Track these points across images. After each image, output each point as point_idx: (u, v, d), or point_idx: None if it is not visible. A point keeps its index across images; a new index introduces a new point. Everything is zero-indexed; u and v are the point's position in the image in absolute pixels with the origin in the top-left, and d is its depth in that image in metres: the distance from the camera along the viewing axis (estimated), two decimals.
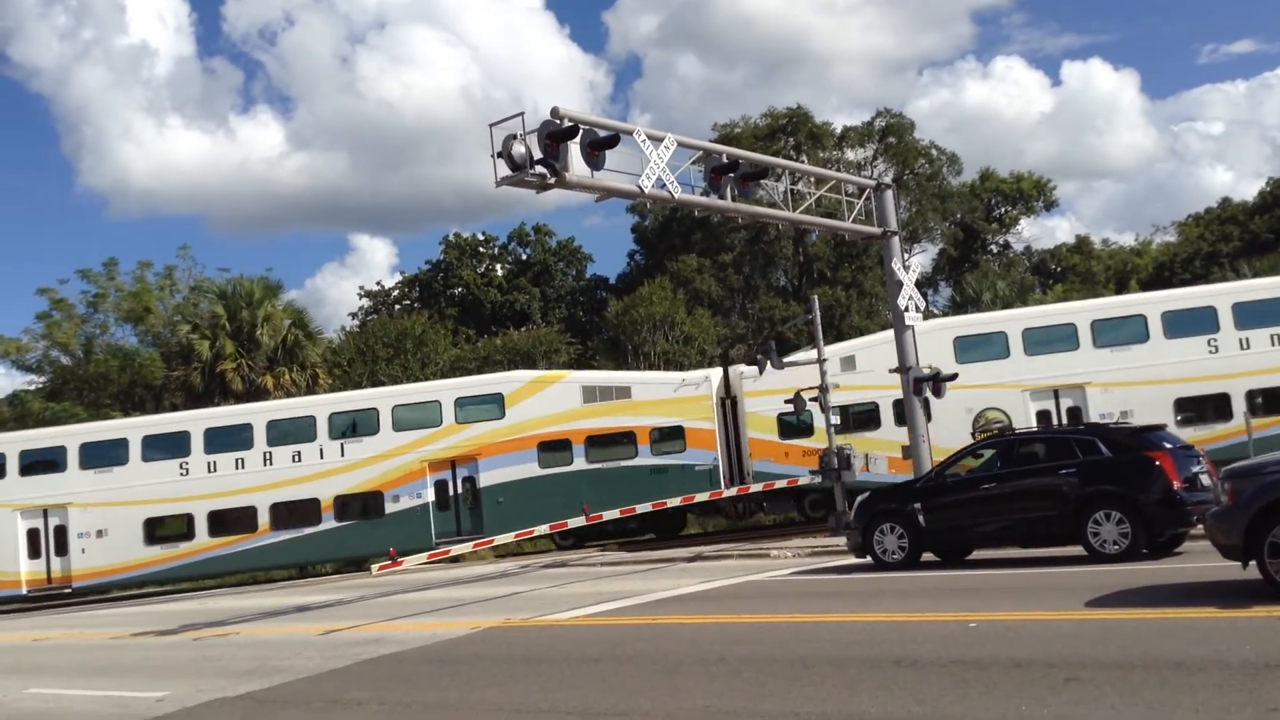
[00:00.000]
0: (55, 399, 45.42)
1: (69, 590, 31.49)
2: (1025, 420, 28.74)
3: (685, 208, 21.67)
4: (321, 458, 31.48)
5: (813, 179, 24.20)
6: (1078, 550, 15.65)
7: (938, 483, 17.40)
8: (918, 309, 23.79)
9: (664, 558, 24.51)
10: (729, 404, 31.64)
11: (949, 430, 28.10)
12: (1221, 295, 29.36)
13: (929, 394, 23.61)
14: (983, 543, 17.26)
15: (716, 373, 32.68)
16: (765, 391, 30.17)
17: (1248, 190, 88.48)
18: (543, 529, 25.44)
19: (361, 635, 15.25)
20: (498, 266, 65.13)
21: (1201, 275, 52.57)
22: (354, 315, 65.77)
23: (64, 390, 46.83)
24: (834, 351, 30.32)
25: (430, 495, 31.27)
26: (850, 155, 57.49)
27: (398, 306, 63.94)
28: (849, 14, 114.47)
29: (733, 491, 30.05)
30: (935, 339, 29.55)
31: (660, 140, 19.03)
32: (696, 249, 56.04)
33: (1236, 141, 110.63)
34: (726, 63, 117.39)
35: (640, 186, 18.71)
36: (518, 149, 16.74)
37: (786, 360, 29.00)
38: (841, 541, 20.41)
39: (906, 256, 26.00)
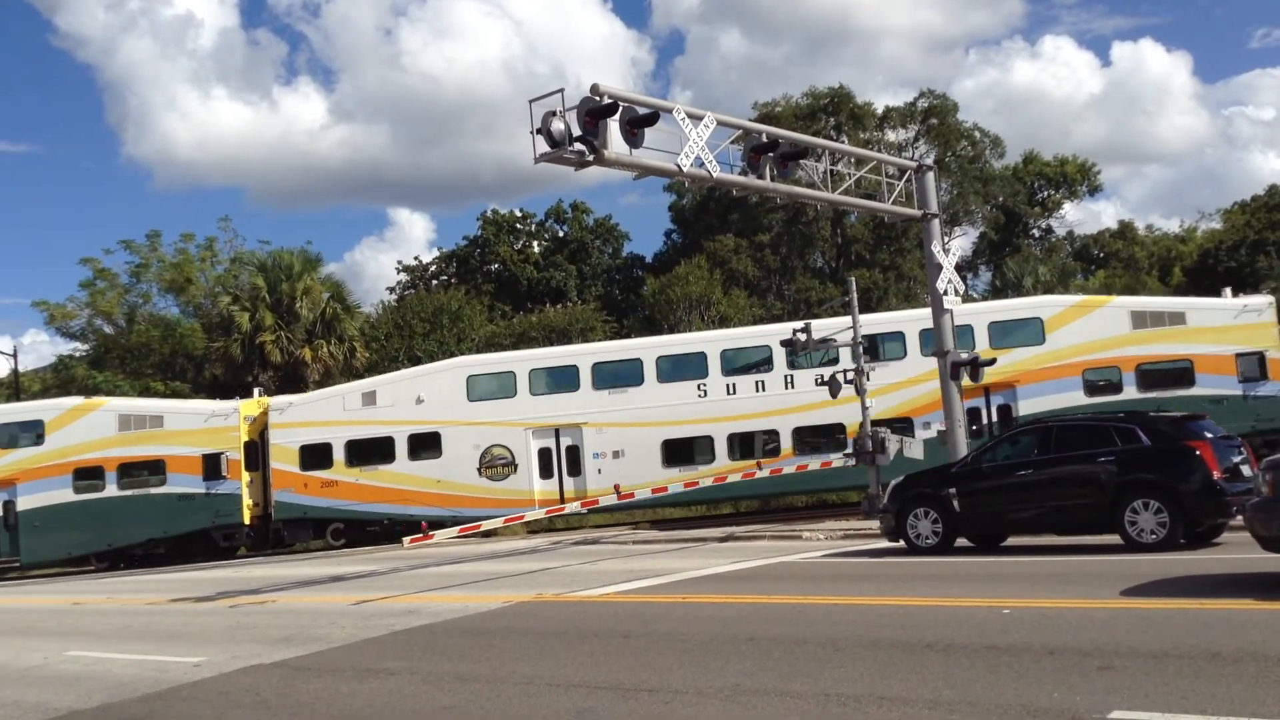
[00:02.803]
0: (98, 367, 46.04)
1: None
2: (527, 458, 30.80)
3: (723, 187, 21.56)
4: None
5: (853, 160, 24.01)
6: (1114, 539, 15.52)
7: (973, 468, 17.30)
8: (957, 292, 23.59)
9: (696, 537, 24.55)
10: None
11: (458, 465, 30.65)
12: (711, 342, 31.59)
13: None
14: (1018, 529, 17.15)
15: (245, 402, 33.83)
16: (289, 424, 31.74)
17: None
18: None
19: (395, 606, 15.39)
20: (535, 243, 65.20)
21: (1247, 263, 51.83)
22: (391, 290, 66.19)
23: (106, 359, 47.45)
24: (356, 387, 33.02)
25: None
26: (891, 136, 57.01)
27: (435, 282, 64.22)
28: None
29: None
30: (448, 377, 31.73)
31: (700, 119, 18.94)
32: (734, 229, 55.82)
33: None
34: (771, 39, 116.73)
35: (678, 165, 18.64)
36: (557, 126, 16.72)
37: (314, 395, 32.76)
38: (875, 525, 20.35)
39: (946, 239, 25.77)
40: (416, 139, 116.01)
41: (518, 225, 65.81)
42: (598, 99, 17.16)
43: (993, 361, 24.10)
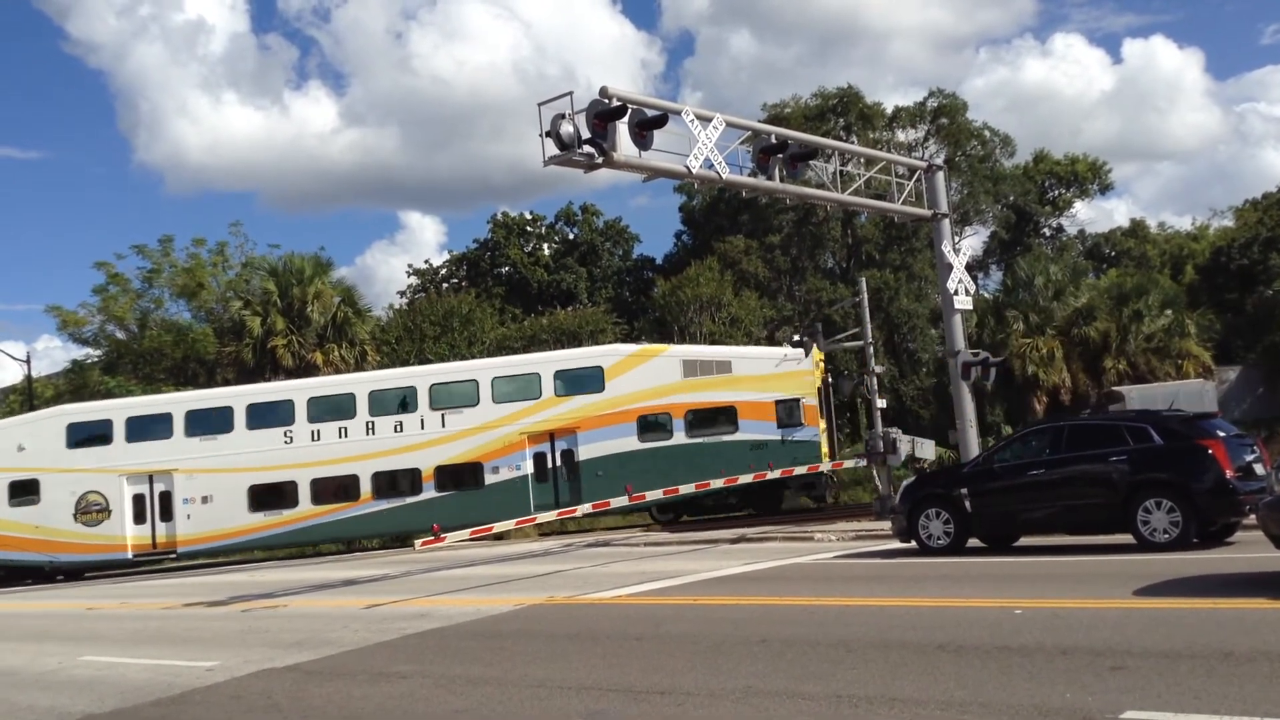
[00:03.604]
0: (111, 372, 46.18)
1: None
2: (121, 504, 31.06)
3: (733, 188, 21.60)
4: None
5: (862, 160, 24.01)
6: (1127, 538, 15.47)
7: (985, 468, 17.25)
8: (968, 292, 23.58)
9: (707, 539, 24.54)
10: None
11: (55, 511, 30.83)
12: (299, 390, 32.50)
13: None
14: (1030, 529, 17.10)
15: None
16: None
17: None
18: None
19: (407, 610, 15.42)
20: (545, 246, 65.24)
21: (1259, 261, 51.57)
22: (402, 293, 66.31)
23: (119, 364, 47.58)
24: None
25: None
26: (901, 136, 56.85)
27: (445, 285, 64.31)
28: None
29: None
30: (49, 425, 31.94)
31: (709, 120, 18.96)
32: (744, 230, 55.75)
33: None
34: (781, 40, 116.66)
35: (688, 167, 18.68)
36: (566, 128, 16.77)
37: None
38: (886, 526, 20.32)
39: (957, 239, 25.80)
40: (427, 142, 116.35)
41: (528, 228, 65.87)
42: (606, 101, 17.20)
43: (1003, 361, 24.04)
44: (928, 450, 26.28)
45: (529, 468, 30.71)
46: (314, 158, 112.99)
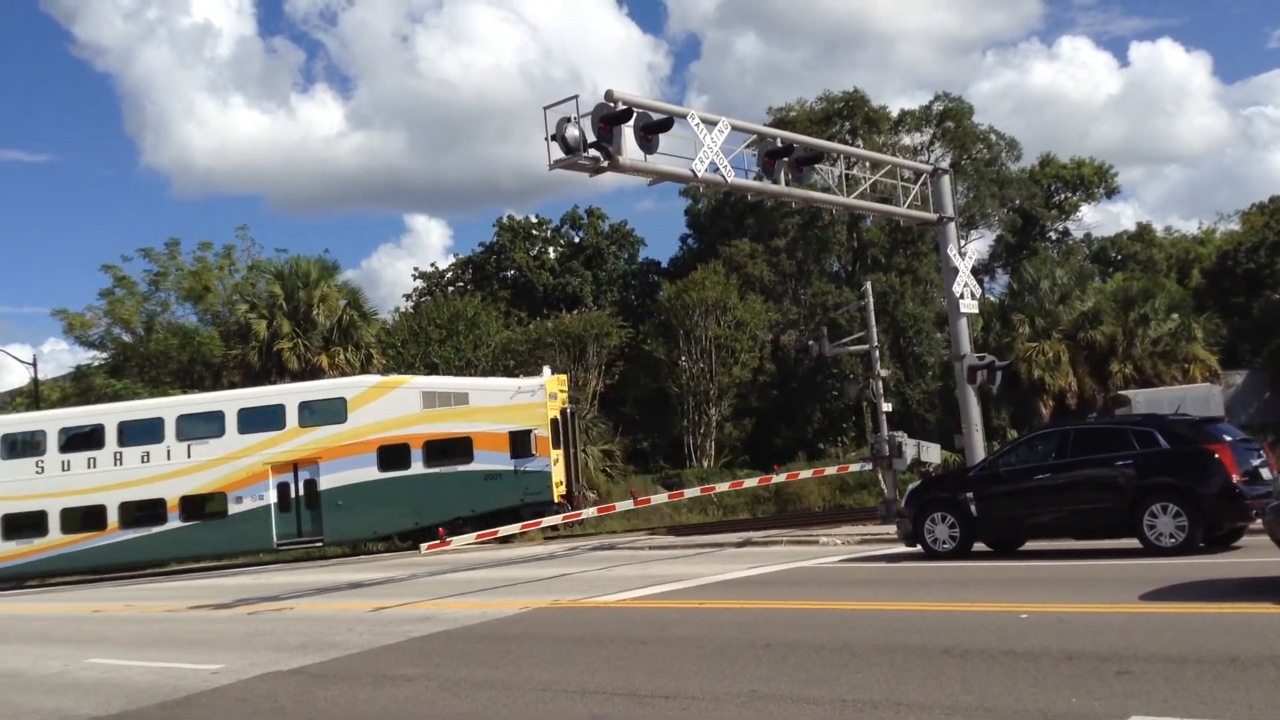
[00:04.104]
0: (117, 375, 46.28)
1: None
2: None
3: (738, 192, 21.59)
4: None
5: (868, 164, 23.99)
6: (1133, 543, 15.42)
7: (991, 472, 17.22)
8: (973, 296, 23.55)
9: (712, 542, 24.52)
10: None
11: None
12: (50, 421, 33.15)
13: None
14: (1036, 534, 17.04)
15: None
16: None
17: None
18: None
19: (412, 613, 15.43)
20: (550, 249, 65.28)
21: (1266, 265, 51.48)
22: (408, 296, 66.36)
23: (125, 367, 47.69)
24: None
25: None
26: (907, 140, 56.85)
27: (451, 288, 64.34)
28: None
29: None
30: None
31: (714, 124, 18.96)
32: (749, 233, 55.76)
33: None
34: (787, 43, 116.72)
35: (693, 170, 18.68)
36: (571, 132, 16.77)
37: None
38: (891, 530, 20.29)
39: (963, 243, 25.77)
40: (433, 145, 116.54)
41: (533, 231, 65.91)
42: (612, 105, 17.21)
43: (1009, 365, 24.02)
44: (933, 454, 26.21)
45: (272, 497, 31.39)
46: (320, 161, 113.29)
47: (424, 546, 19.83)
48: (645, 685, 8.99)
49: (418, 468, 31.31)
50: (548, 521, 25.55)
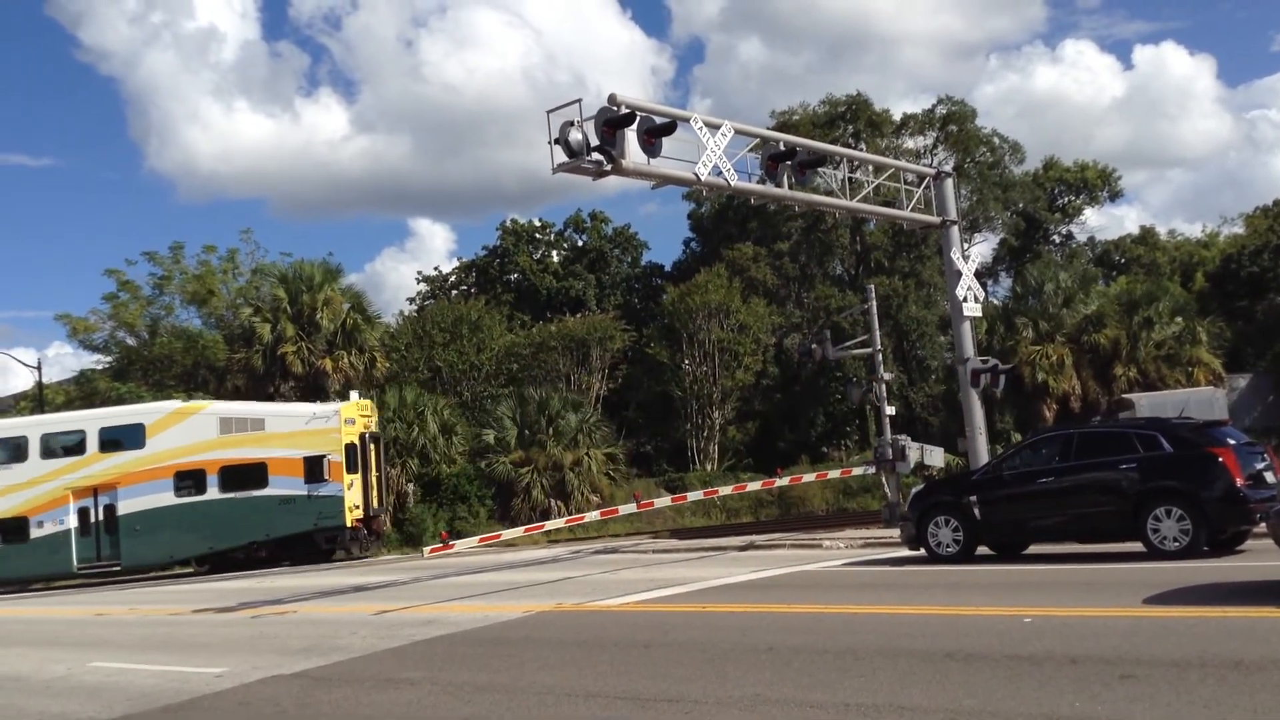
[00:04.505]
0: (121, 379, 46.31)
1: None
2: None
3: (741, 195, 21.60)
4: None
5: (871, 167, 24.03)
6: (1136, 547, 15.40)
7: (994, 476, 17.21)
8: (977, 299, 23.53)
9: (716, 546, 24.51)
10: None
11: None
12: None
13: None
14: (1039, 537, 17.03)
15: None
16: None
17: None
18: None
19: (415, 616, 15.43)
20: (554, 253, 65.31)
21: (1270, 268, 51.38)
22: (412, 300, 66.43)
23: (129, 371, 47.72)
24: None
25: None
26: (910, 143, 56.85)
27: (454, 292, 64.39)
28: None
29: None
30: None
31: (717, 127, 18.97)
32: (752, 237, 55.76)
33: None
34: (790, 46, 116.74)
35: (696, 174, 18.69)
36: (575, 136, 16.77)
37: None
38: (895, 533, 20.27)
39: (966, 246, 25.75)
40: (437, 149, 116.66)
41: (537, 235, 65.96)
42: (615, 109, 17.22)
43: (1012, 368, 24.00)
44: (936, 458, 26.21)
45: (73, 522, 31.94)
46: (324, 165, 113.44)
47: (426, 549, 19.81)
48: (648, 689, 8.99)
49: (213, 493, 31.97)
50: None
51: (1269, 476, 15.27)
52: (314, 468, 31.53)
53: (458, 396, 48.39)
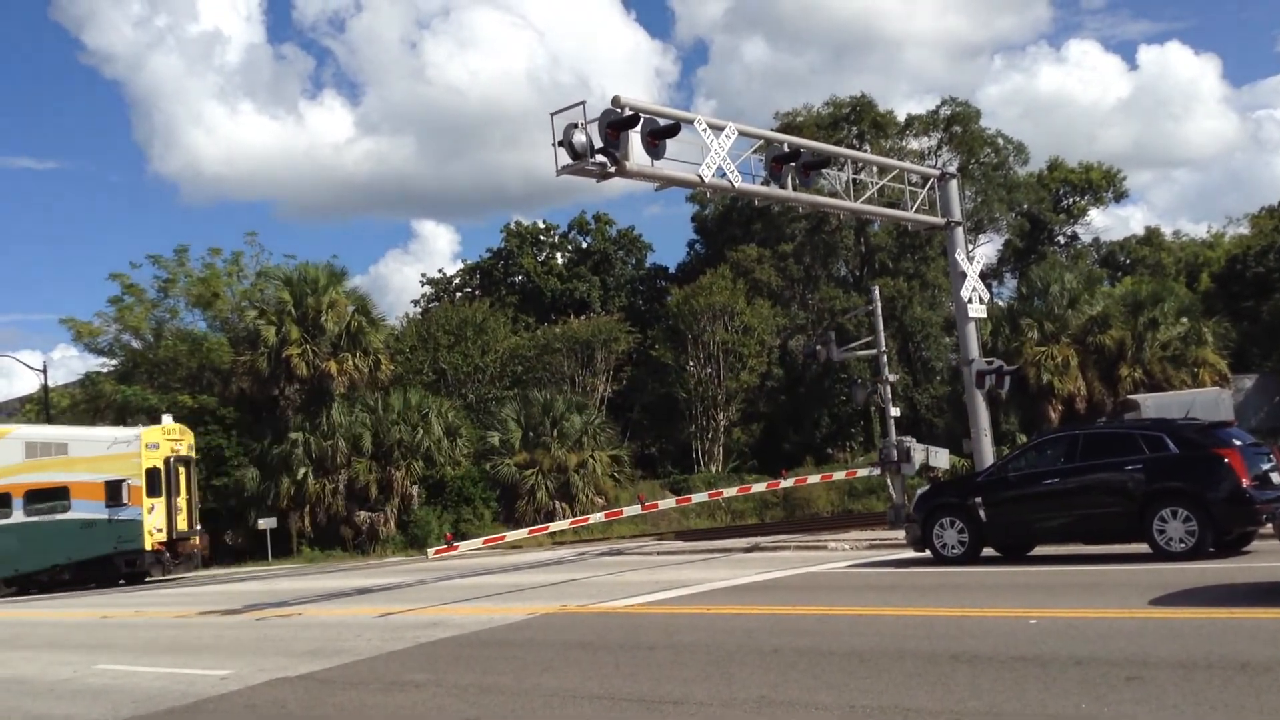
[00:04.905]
0: (126, 382, 46.38)
1: None
2: None
3: (745, 197, 21.60)
4: None
5: (875, 168, 24.02)
6: (1142, 548, 15.37)
7: (1000, 477, 17.17)
8: (981, 300, 23.51)
9: (721, 548, 24.49)
10: None
11: None
12: None
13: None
14: (1045, 539, 16.99)
15: None
16: None
17: None
18: None
19: (420, 618, 15.43)
20: (558, 255, 65.35)
21: (1275, 268, 51.32)
22: (416, 302, 66.49)
23: (134, 374, 47.79)
24: None
25: None
26: (914, 144, 56.86)
27: (459, 294, 64.43)
28: None
29: None
30: None
31: (721, 129, 18.97)
32: (756, 238, 55.78)
33: None
34: (795, 48, 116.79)
35: (700, 175, 18.69)
36: (578, 138, 16.78)
37: None
38: (900, 535, 20.24)
39: (970, 247, 25.78)
40: (441, 151, 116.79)
41: (541, 237, 66.01)
42: (619, 111, 17.22)
43: (1017, 370, 23.99)
44: (942, 459, 26.18)
45: None
46: (329, 167, 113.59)
47: (431, 551, 19.81)
48: (653, 691, 8.98)
49: (18, 516, 32.25)
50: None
51: (1275, 477, 15.24)
52: (114, 491, 31.83)
53: (462, 399, 48.46)
